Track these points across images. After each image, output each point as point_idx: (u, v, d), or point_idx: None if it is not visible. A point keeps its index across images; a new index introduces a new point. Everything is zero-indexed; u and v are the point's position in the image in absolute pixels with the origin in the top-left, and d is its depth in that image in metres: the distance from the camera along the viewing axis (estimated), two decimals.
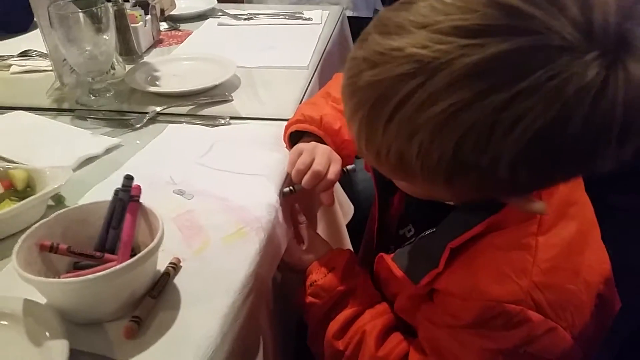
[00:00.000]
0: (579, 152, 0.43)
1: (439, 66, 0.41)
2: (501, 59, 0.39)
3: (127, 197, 0.59)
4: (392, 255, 0.65)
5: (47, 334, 0.49)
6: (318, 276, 0.73)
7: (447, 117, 0.42)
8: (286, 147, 0.86)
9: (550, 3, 0.40)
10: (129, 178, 0.60)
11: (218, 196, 0.74)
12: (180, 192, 0.75)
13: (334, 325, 0.70)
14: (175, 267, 0.60)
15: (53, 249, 0.56)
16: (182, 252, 0.63)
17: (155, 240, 0.54)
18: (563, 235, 0.56)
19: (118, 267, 0.51)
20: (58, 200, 0.73)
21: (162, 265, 0.60)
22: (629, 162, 0.45)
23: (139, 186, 0.60)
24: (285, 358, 0.78)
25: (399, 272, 0.62)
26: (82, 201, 0.73)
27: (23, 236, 0.54)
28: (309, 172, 0.73)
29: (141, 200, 0.60)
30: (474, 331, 0.56)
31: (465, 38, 0.40)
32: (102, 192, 0.74)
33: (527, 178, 0.44)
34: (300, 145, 0.79)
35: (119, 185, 0.60)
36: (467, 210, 0.58)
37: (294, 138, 0.83)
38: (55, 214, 0.58)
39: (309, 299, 0.73)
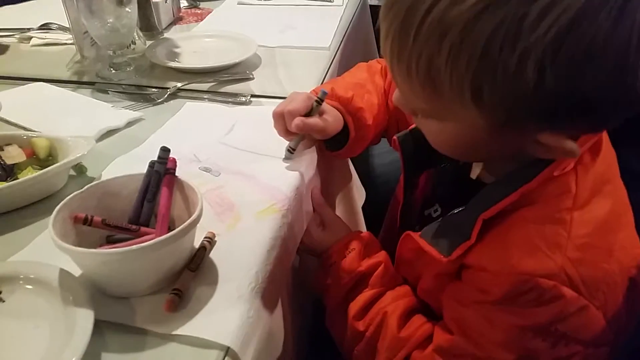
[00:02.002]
0: (607, 56, 0.43)
1: None
2: None
3: (163, 169, 0.58)
4: (420, 232, 0.64)
5: (71, 298, 0.49)
6: (338, 257, 0.72)
7: (477, 14, 0.42)
8: None
9: None
10: (165, 150, 0.58)
11: (246, 174, 0.72)
12: (207, 170, 0.73)
13: (354, 307, 0.69)
14: (210, 241, 0.59)
15: (88, 221, 0.54)
16: (215, 227, 0.62)
17: (197, 212, 0.52)
18: (598, 213, 0.55)
19: (162, 238, 0.49)
20: (80, 170, 0.73)
21: (196, 240, 0.59)
22: None
23: (175, 159, 0.59)
24: (302, 340, 0.78)
25: (428, 248, 0.61)
26: (104, 174, 0.72)
27: (57, 207, 0.53)
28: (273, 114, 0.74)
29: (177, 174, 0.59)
30: (504, 307, 0.55)
31: None
32: (124, 165, 0.74)
33: (554, 83, 0.43)
34: None
35: (141, 159, 0.59)
36: (499, 185, 0.57)
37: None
38: (89, 185, 0.57)
39: (329, 280, 0.72)
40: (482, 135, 0.52)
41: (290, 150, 0.75)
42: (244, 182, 0.71)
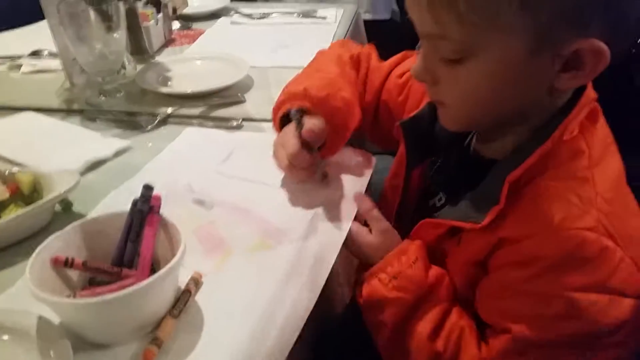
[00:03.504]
0: None
1: None
2: None
3: (146, 208, 0.56)
4: (437, 217, 0.63)
5: (51, 352, 0.46)
6: (402, 267, 0.64)
7: None
8: (277, 132, 0.79)
9: None
10: (148, 188, 0.56)
11: (239, 207, 0.70)
12: (200, 202, 0.71)
13: (426, 325, 0.63)
14: (196, 283, 0.57)
15: (68, 263, 0.53)
16: (203, 265, 0.59)
17: (177, 257, 0.50)
18: (612, 168, 0.58)
19: (137, 286, 0.47)
20: (65, 205, 0.71)
21: (181, 280, 0.56)
22: None
23: (159, 196, 0.57)
24: None
25: (457, 223, 0.60)
26: (97, 209, 0.70)
27: (37, 250, 0.52)
28: (293, 160, 0.71)
29: (161, 212, 0.57)
30: (554, 275, 0.54)
31: None
32: (118, 199, 0.72)
33: None
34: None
35: (135, 193, 0.57)
36: (514, 154, 0.58)
37: (285, 121, 0.77)
38: (71, 225, 0.55)
39: (394, 293, 0.64)
40: (517, 64, 0.53)
41: (325, 176, 0.74)
42: (236, 216, 0.69)
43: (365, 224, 0.71)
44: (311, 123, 0.71)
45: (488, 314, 0.61)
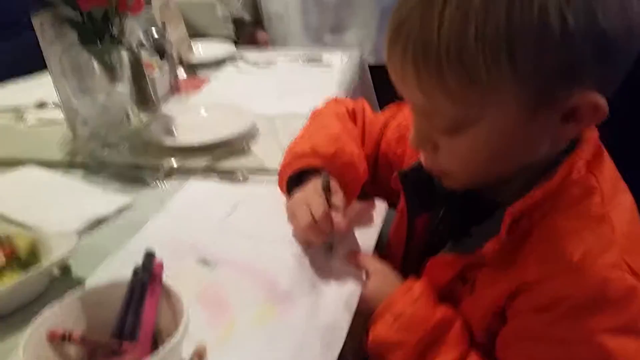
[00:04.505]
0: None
1: None
2: None
3: (147, 277, 0.53)
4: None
5: None
6: (405, 306, 0.61)
7: None
8: (283, 193, 0.77)
9: None
10: (149, 255, 0.54)
11: (244, 265, 0.68)
12: (205, 262, 0.69)
13: None
14: (200, 357, 0.53)
15: (65, 338, 0.50)
16: (207, 334, 0.56)
17: (180, 331, 0.48)
18: (625, 205, 0.57)
19: None
20: (63, 269, 0.67)
21: (185, 351, 0.53)
22: None
23: (161, 264, 0.55)
24: None
25: (462, 256, 0.60)
26: (97, 272, 0.67)
27: (32, 325, 0.49)
28: (320, 222, 0.66)
29: (163, 277, 0.54)
30: (579, 318, 0.51)
31: None
32: (118, 262, 0.69)
33: (575, 24, 0.45)
34: (288, 205, 0.72)
35: (136, 254, 0.55)
36: (520, 194, 0.56)
37: (293, 182, 0.75)
38: (68, 296, 0.53)
39: (397, 335, 0.59)
40: (517, 127, 0.52)
41: (331, 247, 0.69)
42: (241, 275, 0.66)
43: None
44: (337, 187, 0.70)
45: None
